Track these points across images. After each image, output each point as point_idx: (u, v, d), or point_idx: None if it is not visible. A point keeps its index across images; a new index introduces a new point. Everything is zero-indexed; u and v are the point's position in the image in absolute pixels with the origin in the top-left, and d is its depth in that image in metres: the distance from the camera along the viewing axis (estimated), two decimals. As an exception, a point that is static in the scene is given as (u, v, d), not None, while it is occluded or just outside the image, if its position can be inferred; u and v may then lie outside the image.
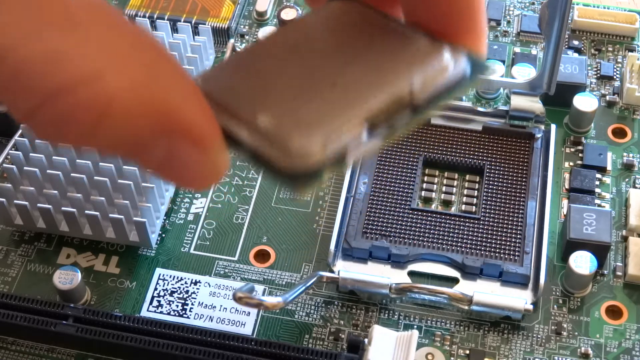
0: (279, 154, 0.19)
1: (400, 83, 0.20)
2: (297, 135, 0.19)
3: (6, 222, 0.43)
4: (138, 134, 0.18)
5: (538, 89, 0.44)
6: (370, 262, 0.41)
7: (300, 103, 0.20)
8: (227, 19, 0.51)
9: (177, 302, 0.40)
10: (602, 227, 0.41)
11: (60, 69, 0.17)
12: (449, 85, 0.21)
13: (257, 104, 0.20)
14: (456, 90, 0.21)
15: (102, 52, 0.17)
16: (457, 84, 0.21)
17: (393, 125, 0.20)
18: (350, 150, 0.20)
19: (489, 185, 0.43)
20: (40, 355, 0.39)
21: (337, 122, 0.20)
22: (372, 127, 0.20)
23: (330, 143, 0.19)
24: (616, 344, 0.39)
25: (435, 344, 0.39)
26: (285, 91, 0.21)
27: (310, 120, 0.20)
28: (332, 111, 0.20)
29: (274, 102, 0.20)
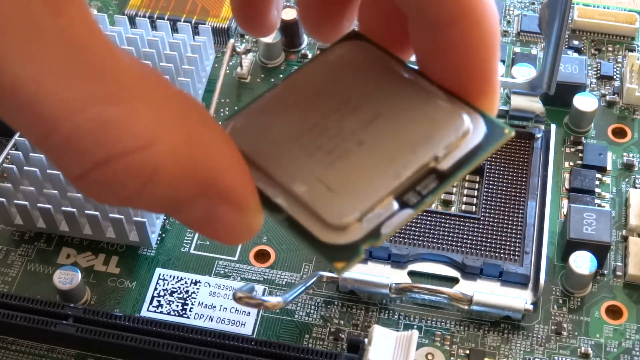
0: (316, 223, 0.20)
1: (425, 152, 0.21)
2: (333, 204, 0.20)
3: (6, 222, 0.43)
4: (180, 195, 0.19)
5: (538, 89, 0.44)
6: (370, 262, 0.41)
7: (333, 169, 0.21)
8: (227, 19, 0.51)
9: (177, 302, 0.40)
10: (602, 227, 0.41)
11: (110, 138, 0.17)
12: (472, 151, 0.21)
13: (290, 167, 0.21)
14: (479, 156, 0.21)
15: (150, 121, 0.18)
16: (479, 150, 0.21)
17: (420, 194, 0.21)
18: (384, 224, 0.20)
19: (489, 185, 0.43)
20: (40, 355, 0.39)
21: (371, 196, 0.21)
22: (400, 196, 0.21)
23: (366, 216, 0.20)
24: (616, 344, 0.39)
25: (435, 344, 0.39)
26: (316, 152, 0.21)
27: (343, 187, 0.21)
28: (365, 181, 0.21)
29: (307, 167, 0.21)
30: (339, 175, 0.21)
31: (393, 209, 0.21)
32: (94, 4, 0.54)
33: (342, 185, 0.21)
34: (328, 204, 0.20)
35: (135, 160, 0.18)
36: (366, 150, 0.21)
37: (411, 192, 0.21)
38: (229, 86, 0.49)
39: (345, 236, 0.20)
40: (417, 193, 0.21)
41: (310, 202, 0.21)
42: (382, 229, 0.20)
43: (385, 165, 0.21)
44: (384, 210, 0.20)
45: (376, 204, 0.20)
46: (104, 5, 0.54)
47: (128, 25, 0.48)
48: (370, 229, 0.20)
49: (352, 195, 0.21)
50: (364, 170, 0.21)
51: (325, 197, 0.21)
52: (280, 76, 0.50)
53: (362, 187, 0.21)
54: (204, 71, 0.48)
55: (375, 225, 0.20)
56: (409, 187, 0.21)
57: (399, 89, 0.22)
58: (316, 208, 0.20)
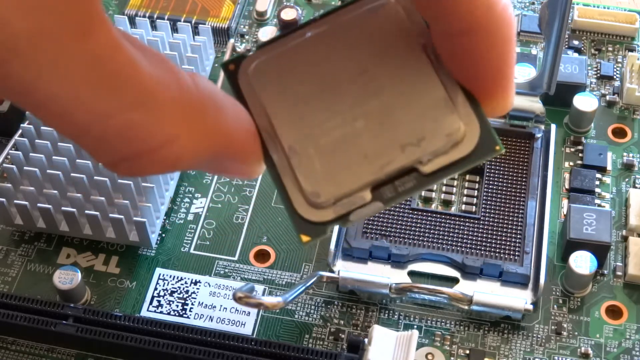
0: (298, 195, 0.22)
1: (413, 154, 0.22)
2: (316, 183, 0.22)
3: (6, 222, 0.43)
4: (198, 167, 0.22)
5: (538, 89, 0.44)
6: (370, 262, 0.41)
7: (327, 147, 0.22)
8: (227, 18, 0.51)
9: (177, 302, 0.40)
10: (602, 227, 0.41)
11: (136, 139, 0.20)
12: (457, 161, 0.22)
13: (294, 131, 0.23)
14: (462, 167, 0.22)
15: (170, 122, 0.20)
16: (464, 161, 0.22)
17: (397, 190, 0.22)
18: (354, 212, 0.22)
19: (489, 185, 0.43)
20: (40, 355, 0.39)
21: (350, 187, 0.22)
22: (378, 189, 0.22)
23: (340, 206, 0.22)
24: (616, 344, 0.39)
25: (435, 344, 0.39)
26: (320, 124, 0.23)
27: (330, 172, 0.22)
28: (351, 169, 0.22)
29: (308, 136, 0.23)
30: (330, 155, 0.22)
31: (366, 199, 0.22)
32: (94, 4, 0.54)
33: (329, 165, 0.22)
34: (312, 179, 0.22)
35: (160, 156, 0.20)
36: (362, 137, 0.22)
37: (389, 185, 0.22)
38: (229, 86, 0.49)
39: (318, 214, 0.22)
40: (394, 188, 0.22)
41: (298, 171, 0.22)
42: (351, 215, 0.22)
43: (373, 157, 0.22)
44: (358, 199, 0.22)
45: (353, 192, 0.22)
46: (104, 5, 0.54)
47: (128, 25, 0.48)
48: (340, 213, 0.22)
49: (335, 178, 0.22)
50: (353, 157, 0.22)
51: (312, 172, 0.22)
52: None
53: (346, 173, 0.22)
54: (204, 71, 0.48)
55: (346, 211, 0.22)
56: (387, 180, 0.22)
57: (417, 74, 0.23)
58: (301, 179, 0.22)
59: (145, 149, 0.20)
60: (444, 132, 0.22)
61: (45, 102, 0.19)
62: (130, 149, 0.20)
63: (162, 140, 0.20)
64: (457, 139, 0.22)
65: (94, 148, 0.20)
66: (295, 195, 0.22)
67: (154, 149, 0.20)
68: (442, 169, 0.22)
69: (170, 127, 0.20)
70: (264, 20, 0.53)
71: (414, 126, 0.22)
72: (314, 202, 0.22)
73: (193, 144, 0.21)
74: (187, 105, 0.21)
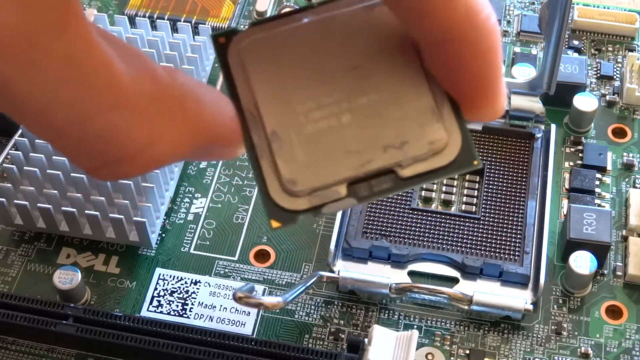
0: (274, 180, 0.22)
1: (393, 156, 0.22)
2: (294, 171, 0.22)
3: (6, 222, 0.43)
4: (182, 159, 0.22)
5: (538, 89, 0.44)
6: (370, 262, 0.41)
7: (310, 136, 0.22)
8: (227, 18, 0.51)
9: (177, 302, 0.40)
10: (602, 227, 0.41)
11: (117, 142, 0.19)
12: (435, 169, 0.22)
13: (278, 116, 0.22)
14: (439, 176, 0.22)
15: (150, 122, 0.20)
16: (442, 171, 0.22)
17: (372, 189, 0.22)
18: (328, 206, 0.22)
19: (489, 185, 0.43)
20: (40, 355, 0.39)
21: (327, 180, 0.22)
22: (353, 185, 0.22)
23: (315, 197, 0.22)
24: (616, 344, 0.39)
25: (435, 344, 0.39)
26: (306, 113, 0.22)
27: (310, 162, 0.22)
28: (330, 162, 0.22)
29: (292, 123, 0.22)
30: (313, 145, 0.22)
31: (341, 194, 0.22)
32: (94, 4, 0.54)
33: (310, 155, 0.22)
34: (291, 166, 0.22)
35: (142, 158, 0.20)
36: (345, 131, 0.22)
37: (364, 183, 0.22)
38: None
39: (292, 202, 0.22)
40: (370, 187, 0.22)
41: (278, 156, 0.22)
42: (323, 208, 0.22)
43: (354, 153, 0.22)
44: (333, 193, 0.22)
45: (330, 185, 0.22)
46: (104, 5, 0.54)
47: (128, 25, 0.48)
48: (314, 204, 0.22)
49: (314, 169, 0.22)
50: (335, 150, 0.22)
51: (292, 159, 0.22)
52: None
53: (325, 165, 0.22)
54: (204, 71, 0.48)
55: (320, 203, 0.22)
56: (364, 178, 0.22)
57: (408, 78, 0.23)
58: (280, 165, 0.22)
59: (127, 153, 0.19)
60: (427, 139, 0.22)
61: (20, 101, 0.18)
62: (111, 153, 0.19)
63: (145, 142, 0.19)
64: (439, 148, 0.22)
65: (73, 152, 0.20)
66: (271, 179, 0.22)
67: (137, 152, 0.19)
68: (420, 175, 0.22)
69: (151, 127, 0.20)
70: (264, 20, 0.52)
71: (398, 129, 0.22)
72: (289, 189, 0.22)
73: (175, 141, 0.20)
74: (166, 103, 0.20)
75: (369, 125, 0.22)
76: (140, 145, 0.19)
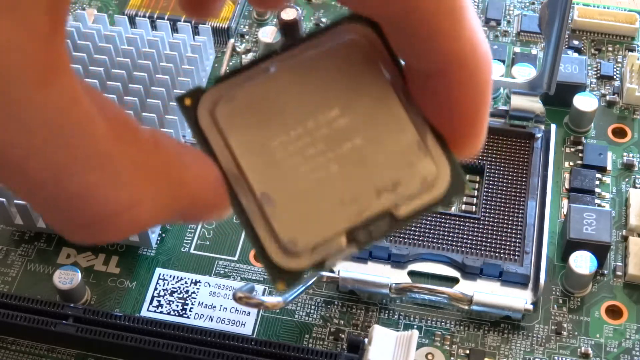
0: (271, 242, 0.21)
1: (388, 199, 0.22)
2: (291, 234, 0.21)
3: (6, 222, 0.43)
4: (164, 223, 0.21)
5: (538, 89, 0.44)
6: (370, 262, 0.41)
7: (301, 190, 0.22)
8: (227, 19, 0.51)
9: (177, 302, 0.40)
10: (602, 227, 0.41)
11: (92, 205, 0.18)
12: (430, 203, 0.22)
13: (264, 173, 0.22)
14: (434, 209, 0.22)
15: (131, 183, 0.19)
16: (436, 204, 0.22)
17: (370, 234, 0.22)
18: (329, 259, 0.21)
19: (489, 185, 0.43)
20: (40, 355, 0.39)
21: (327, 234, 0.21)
22: (352, 234, 0.21)
23: (318, 249, 0.21)
24: (616, 344, 0.39)
25: (435, 344, 0.39)
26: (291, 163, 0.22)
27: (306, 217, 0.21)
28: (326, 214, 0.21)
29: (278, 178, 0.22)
30: (306, 202, 0.21)
31: (342, 245, 0.21)
32: (94, 4, 0.54)
33: (305, 212, 0.21)
34: (288, 226, 0.21)
35: (121, 221, 0.19)
36: (335, 182, 0.22)
37: (362, 230, 0.22)
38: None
39: (294, 262, 0.21)
40: (368, 232, 0.22)
41: (273, 220, 0.21)
42: (327, 261, 0.21)
43: (349, 202, 0.22)
44: (334, 245, 0.21)
45: (330, 238, 0.21)
46: (104, 5, 0.54)
47: (128, 25, 0.48)
48: (317, 260, 0.21)
49: (312, 225, 0.21)
50: (329, 202, 0.21)
51: (287, 219, 0.21)
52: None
53: (322, 219, 0.21)
54: (204, 71, 0.48)
55: (322, 257, 0.21)
56: (361, 225, 0.21)
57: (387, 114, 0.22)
58: (276, 227, 0.21)
59: (104, 215, 0.19)
60: (419, 176, 0.22)
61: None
62: (88, 215, 0.18)
63: (124, 205, 0.19)
64: (431, 182, 0.22)
65: (48, 211, 0.19)
66: (269, 243, 0.21)
67: (114, 215, 0.19)
68: (417, 211, 0.22)
69: (131, 190, 0.19)
70: (264, 20, 0.53)
71: (388, 170, 0.22)
72: (290, 250, 0.21)
73: (157, 206, 0.19)
74: (147, 167, 0.19)
75: (359, 172, 0.22)
76: (119, 208, 0.19)
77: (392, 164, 0.22)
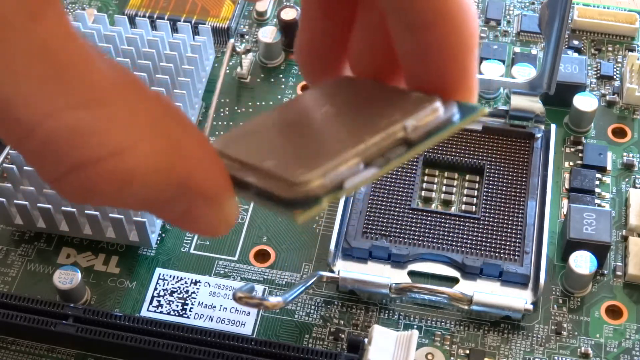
0: (281, 185, 0.21)
1: (394, 125, 0.22)
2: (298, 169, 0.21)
3: (6, 222, 0.43)
4: (159, 196, 0.19)
5: (538, 89, 0.44)
6: (370, 262, 0.41)
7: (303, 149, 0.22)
8: (227, 19, 0.51)
9: (177, 302, 0.40)
10: (602, 227, 0.41)
11: (84, 144, 0.17)
12: (440, 125, 0.22)
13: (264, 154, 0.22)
14: (447, 129, 0.22)
15: (125, 128, 0.18)
16: (448, 124, 0.22)
17: (388, 158, 0.22)
18: (347, 180, 0.21)
19: (489, 185, 0.43)
20: (40, 355, 0.39)
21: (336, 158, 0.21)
22: (368, 160, 0.21)
23: (329, 174, 0.21)
24: (616, 344, 0.39)
25: (435, 344, 0.39)
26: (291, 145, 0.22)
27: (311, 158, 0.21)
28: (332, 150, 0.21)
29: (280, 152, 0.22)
30: (308, 152, 0.22)
31: (358, 168, 0.21)
32: (94, 4, 0.54)
33: (309, 156, 0.21)
34: (294, 168, 0.21)
35: (111, 166, 0.18)
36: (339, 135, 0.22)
37: (379, 158, 0.22)
38: (229, 86, 0.49)
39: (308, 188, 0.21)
40: (385, 159, 0.22)
41: (277, 170, 0.21)
42: (345, 183, 0.21)
43: (354, 131, 0.22)
44: (348, 169, 0.21)
45: (340, 163, 0.21)
46: (104, 5, 0.54)
47: (128, 25, 0.48)
48: (333, 184, 0.21)
49: (318, 157, 0.21)
50: (334, 146, 0.22)
51: (292, 164, 0.21)
52: (280, 76, 0.50)
53: (328, 150, 0.21)
54: (204, 71, 0.48)
55: (338, 181, 0.21)
56: (378, 153, 0.22)
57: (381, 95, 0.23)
58: (283, 174, 0.21)
59: (93, 156, 0.18)
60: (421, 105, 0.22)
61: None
62: (76, 156, 0.17)
63: (114, 147, 0.18)
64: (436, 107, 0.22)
65: (37, 155, 0.18)
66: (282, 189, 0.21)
67: (103, 157, 0.18)
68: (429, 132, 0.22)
69: (124, 133, 0.18)
70: (264, 20, 0.53)
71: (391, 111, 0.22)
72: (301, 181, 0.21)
73: (150, 157, 0.18)
74: (146, 113, 0.18)
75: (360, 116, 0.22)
76: (109, 149, 0.18)
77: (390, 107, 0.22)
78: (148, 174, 0.18)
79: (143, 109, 0.18)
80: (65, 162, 0.18)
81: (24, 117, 0.17)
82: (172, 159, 0.19)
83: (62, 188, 0.18)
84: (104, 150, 0.18)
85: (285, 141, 0.23)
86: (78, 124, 0.17)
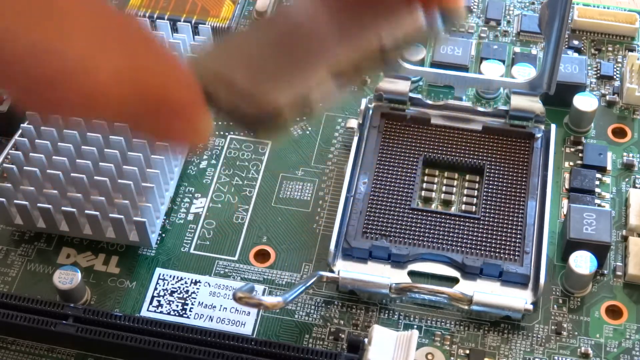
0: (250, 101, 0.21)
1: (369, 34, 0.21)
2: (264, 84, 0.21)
3: (6, 222, 0.43)
4: (130, 111, 0.20)
5: (538, 89, 0.44)
6: (370, 262, 0.41)
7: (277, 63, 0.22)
8: (227, 18, 0.51)
9: (177, 302, 0.40)
10: (602, 227, 0.41)
11: (47, 61, 0.18)
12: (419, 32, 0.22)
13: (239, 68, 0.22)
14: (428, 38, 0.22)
15: (88, 44, 0.18)
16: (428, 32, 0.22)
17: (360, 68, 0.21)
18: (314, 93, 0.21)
19: (489, 185, 0.43)
20: (40, 355, 0.39)
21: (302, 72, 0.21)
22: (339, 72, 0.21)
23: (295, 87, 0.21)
24: (616, 344, 0.39)
25: (435, 344, 0.39)
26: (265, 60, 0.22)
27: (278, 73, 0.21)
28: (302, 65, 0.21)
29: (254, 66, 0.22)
30: (282, 59, 0.22)
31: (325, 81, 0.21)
32: (94, 4, 0.54)
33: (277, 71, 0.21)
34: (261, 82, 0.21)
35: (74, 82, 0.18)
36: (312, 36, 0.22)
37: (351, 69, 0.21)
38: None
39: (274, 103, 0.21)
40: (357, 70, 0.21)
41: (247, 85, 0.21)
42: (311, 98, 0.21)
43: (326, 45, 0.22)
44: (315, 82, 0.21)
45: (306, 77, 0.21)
46: (104, 5, 0.54)
47: (128, 25, 0.48)
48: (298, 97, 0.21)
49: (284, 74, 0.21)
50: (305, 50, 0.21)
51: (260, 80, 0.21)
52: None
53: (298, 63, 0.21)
54: (204, 71, 0.48)
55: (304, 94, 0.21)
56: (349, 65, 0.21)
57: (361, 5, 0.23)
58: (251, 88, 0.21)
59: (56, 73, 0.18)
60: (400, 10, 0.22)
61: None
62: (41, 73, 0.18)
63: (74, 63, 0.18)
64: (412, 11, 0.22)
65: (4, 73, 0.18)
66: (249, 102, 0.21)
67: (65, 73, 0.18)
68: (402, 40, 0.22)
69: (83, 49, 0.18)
70: (264, 20, 0.53)
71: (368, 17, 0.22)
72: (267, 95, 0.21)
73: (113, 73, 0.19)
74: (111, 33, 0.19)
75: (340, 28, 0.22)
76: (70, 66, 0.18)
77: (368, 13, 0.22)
78: (112, 88, 0.19)
79: (104, 23, 0.19)
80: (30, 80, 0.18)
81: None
82: (135, 72, 0.19)
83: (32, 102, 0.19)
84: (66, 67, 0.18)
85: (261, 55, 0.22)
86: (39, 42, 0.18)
